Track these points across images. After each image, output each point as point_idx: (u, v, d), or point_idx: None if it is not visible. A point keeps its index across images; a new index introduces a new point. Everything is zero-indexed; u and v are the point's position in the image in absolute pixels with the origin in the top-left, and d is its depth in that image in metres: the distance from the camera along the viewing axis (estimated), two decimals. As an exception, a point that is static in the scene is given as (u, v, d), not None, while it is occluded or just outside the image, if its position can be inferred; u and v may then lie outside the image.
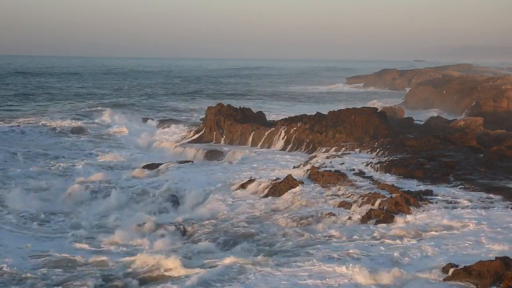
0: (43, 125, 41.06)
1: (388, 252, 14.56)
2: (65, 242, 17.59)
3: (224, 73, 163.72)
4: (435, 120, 40.23)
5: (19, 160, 30.20)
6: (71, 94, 74.25)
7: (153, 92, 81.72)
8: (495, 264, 12.07)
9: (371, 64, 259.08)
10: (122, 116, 48.09)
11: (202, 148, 35.04)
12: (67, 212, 21.43)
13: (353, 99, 75.31)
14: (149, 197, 22.97)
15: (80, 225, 19.71)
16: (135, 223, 19.14)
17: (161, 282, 13.61)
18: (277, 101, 73.54)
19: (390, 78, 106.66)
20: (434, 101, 58.22)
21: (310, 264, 13.84)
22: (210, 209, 20.60)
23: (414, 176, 22.29)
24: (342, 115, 35.09)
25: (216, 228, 18.21)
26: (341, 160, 26.41)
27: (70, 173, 27.98)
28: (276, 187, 21.92)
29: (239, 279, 13.28)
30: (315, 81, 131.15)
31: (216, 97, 75.03)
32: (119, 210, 21.61)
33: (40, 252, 16.29)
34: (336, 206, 19.21)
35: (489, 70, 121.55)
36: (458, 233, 15.68)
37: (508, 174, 22.41)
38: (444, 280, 12.19)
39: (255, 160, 29.96)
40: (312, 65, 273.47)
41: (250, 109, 40.78)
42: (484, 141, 29.53)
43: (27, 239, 17.88)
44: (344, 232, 16.53)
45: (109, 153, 33.17)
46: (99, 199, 23.04)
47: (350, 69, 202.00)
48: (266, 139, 35.15)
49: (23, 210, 20.94)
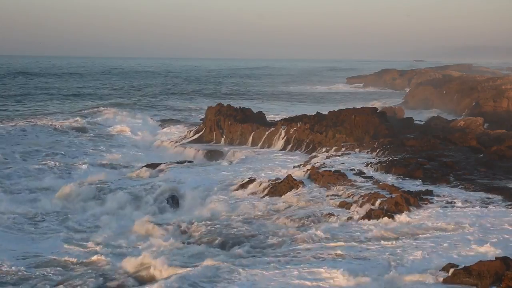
0: (43, 124, 41.01)
1: (387, 252, 14.51)
2: (59, 242, 17.47)
3: (224, 73, 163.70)
4: (435, 120, 40.23)
5: (17, 159, 30.17)
6: (70, 94, 74.36)
7: (153, 92, 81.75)
8: (495, 264, 12.06)
9: (371, 64, 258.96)
10: (123, 116, 48.10)
11: (202, 148, 35.06)
12: (65, 212, 21.37)
13: (353, 99, 75.30)
14: (148, 197, 22.92)
15: (78, 225, 19.68)
16: (133, 224, 19.11)
17: (154, 282, 13.55)
18: (277, 101, 73.58)
19: (390, 78, 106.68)
20: (434, 101, 58.19)
21: (302, 265, 13.73)
22: (209, 209, 20.57)
23: (414, 176, 22.28)
24: (342, 115, 35.10)
25: (215, 228, 18.18)
26: (341, 160, 26.40)
27: (69, 173, 27.97)
28: (276, 187, 21.90)
29: (227, 279, 13.20)
30: (315, 81, 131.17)
31: (216, 97, 75.08)
32: (118, 210, 21.58)
33: (33, 253, 16.19)
34: (336, 206, 19.19)
35: (489, 70, 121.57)
36: (458, 233, 15.65)
37: (508, 174, 22.40)
38: (445, 280, 12.16)
39: (255, 160, 29.98)
40: (312, 65, 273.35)
41: (250, 109, 40.80)
42: (484, 141, 29.52)
43: (20, 240, 17.76)
44: (343, 233, 16.48)
45: (109, 153, 33.17)
46: (97, 199, 23.01)
47: (350, 69, 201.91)
48: (266, 139, 35.16)
49: (18, 211, 20.83)
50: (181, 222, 19.17)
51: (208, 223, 18.81)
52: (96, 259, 15.56)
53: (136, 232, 18.43)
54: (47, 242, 17.70)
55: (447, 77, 79.07)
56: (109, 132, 41.66)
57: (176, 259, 15.11)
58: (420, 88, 65.45)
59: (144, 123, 46.56)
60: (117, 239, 17.65)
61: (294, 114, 40.88)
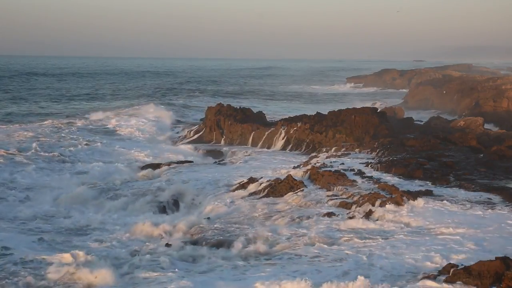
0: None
1: (387, 252, 14.51)
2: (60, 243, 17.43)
3: (224, 73, 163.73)
4: (435, 120, 40.22)
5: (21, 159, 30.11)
6: (73, 95, 74.36)
7: (153, 92, 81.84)
8: (495, 264, 12.05)
9: (371, 64, 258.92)
10: (124, 116, 48.18)
11: (202, 148, 35.05)
12: (63, 212, 21.38)
13: (353, 99, 75.29)
14: (147, 198, 22.89)
15: (76, 225, 19.66)
16: (132, 225, 19.03)
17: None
18: (277, 101, 73.62)
19: (390, 78, 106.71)
20: (434, 101, 58.20)
21: (302, 266, 13.68)
22: (209, 209, 20.55)
23: (414, 176, 22.27)
24: (342, 115, 35.13)
25: (215, 229, 18.13)
26: (341, 160, 26.40)
27: (68, 171, 27.98)
28: (276, 187, 21.88)
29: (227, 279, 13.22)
30: (315, 80, 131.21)
31: (216, 97, 75.11)
32: (117, 212, 21.56)
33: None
34: (336, 206, 19.17)
35: (489, 70, 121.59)
36: (458, 233, 15.66)
37: (508, 174, 22.40)
38: (445, 280, 12.15)
39: (255, 160, 29.95)
40: (311, 65, 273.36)
41: (250, 109, 40.84)
42: (484, 141, 29.53)
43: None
44: (342, 233, 16.46)
45: (110, 153, 33.13)
46: (98, 200, 23.01)
47: (351, 69, 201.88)
48: (266, 139, 35.16)
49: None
50: (180, 223, 19.11)
51: (208, 223, 18.78)
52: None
53: (134, 233, 18.30)
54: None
55: (447, 77, 79.08)
56: (108, 129, 41.85)
57: (175, 261, 15.05)
58: (420, 88, 65.46)
59: (145, 123, 46.47)
60: (114, 241, 17.47)
61: (294, 114, 40.90)
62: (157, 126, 44.80)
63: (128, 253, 15.89)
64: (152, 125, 45.06)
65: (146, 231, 18.39)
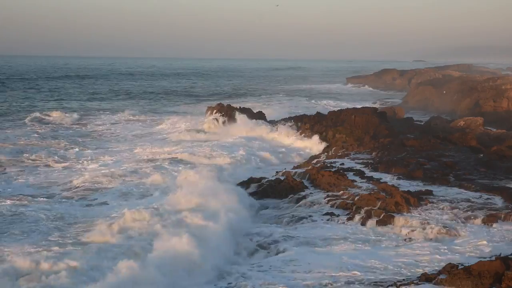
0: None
1: (387, 252, 14.52)
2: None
3: (224, 73, 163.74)
4: (435, 120, 40.22)
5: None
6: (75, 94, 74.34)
7: (153, 92, 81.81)
8: (495, 264, 12.05)
9: (371, 64, 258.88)
10: (125, 117, 48.31)
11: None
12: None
13: (353, 99, 75.26)
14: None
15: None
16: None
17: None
18: (277, 100, 73.50)
19: (390, 78, 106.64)
20: (434, 101, 58.16)
21: (302, 266, 13.69)
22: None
23: (414, 176, 22.26)
24: (342, 115, 35.14)
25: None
26: (341, 160, 26.40)
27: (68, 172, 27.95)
28: (276, 187, 21.86)
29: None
30: (316, 80, 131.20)
31: (216, 96, 75.08)
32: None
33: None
34: (336, 207, 19.16)
35: (489, 70, 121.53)
36: (457, 233, 15.66)
37: (508, 174, 22.39)
38: (445, 280, 12.15)
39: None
40: (311, 65, 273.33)
41: (250, 109, 40.82)
42: (484, 141, 29.53)
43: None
44: (341, 233, 16.44)
45: (105, 154, 33.04)
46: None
47: (352, 69, 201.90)
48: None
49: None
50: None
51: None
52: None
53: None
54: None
55: (447, 77, 79.02)
56: (108, 130, 41.91)
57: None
58: (420, 88, 65.42)
59: (146, 123, 46.54)
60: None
61: (294, 114, 40.88)
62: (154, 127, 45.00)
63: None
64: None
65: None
